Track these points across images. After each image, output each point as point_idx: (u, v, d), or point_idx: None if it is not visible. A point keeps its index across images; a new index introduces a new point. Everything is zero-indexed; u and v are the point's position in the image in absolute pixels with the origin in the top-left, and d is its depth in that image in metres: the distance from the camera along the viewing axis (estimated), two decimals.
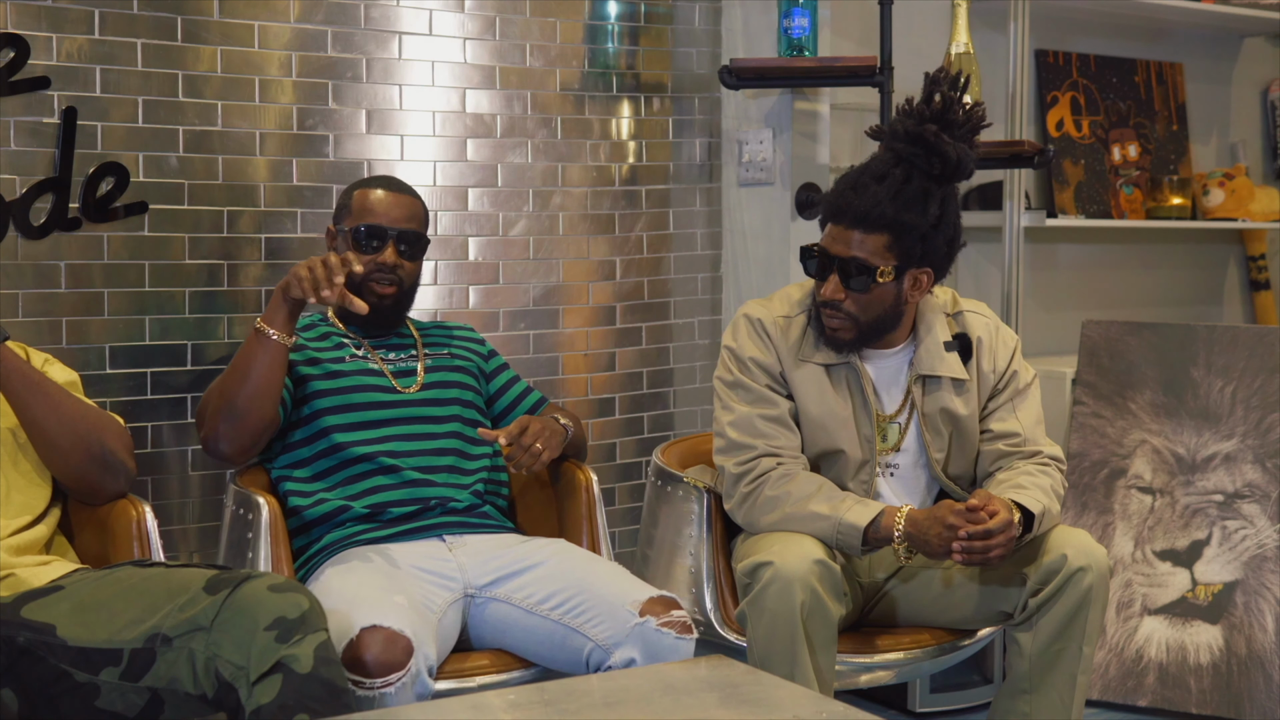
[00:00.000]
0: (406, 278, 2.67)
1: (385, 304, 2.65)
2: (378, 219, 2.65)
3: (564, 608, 2.40)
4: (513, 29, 3.24)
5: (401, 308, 2.71)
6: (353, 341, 2.70)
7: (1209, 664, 3.39)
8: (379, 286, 2.64)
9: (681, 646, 2.34)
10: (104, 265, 2.81)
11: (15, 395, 2.29)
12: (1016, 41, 3.50)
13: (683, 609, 2.39)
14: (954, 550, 2.42)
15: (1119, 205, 4.18)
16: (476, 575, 2.49)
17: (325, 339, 2.70)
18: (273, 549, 2.46)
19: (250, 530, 2.48)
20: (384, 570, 2.40)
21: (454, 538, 2.56)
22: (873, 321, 2.58)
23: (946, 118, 2.51)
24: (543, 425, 2.61)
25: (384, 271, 2.63)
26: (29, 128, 2.71)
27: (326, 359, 2.65)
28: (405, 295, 2.69)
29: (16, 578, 2.20)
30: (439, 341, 2.78)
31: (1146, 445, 3.60)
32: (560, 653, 2.41)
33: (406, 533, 2.55)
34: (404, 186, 2.73)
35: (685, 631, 2.35)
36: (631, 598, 2.37)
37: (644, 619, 2.33)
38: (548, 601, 2.42)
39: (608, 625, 2.35)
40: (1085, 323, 3.74)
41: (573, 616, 2.39)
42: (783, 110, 3.42)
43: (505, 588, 2.47)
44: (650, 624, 2.33)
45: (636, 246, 3.44)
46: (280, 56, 2.97)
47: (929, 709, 3.38)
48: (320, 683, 1.98)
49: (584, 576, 2.44)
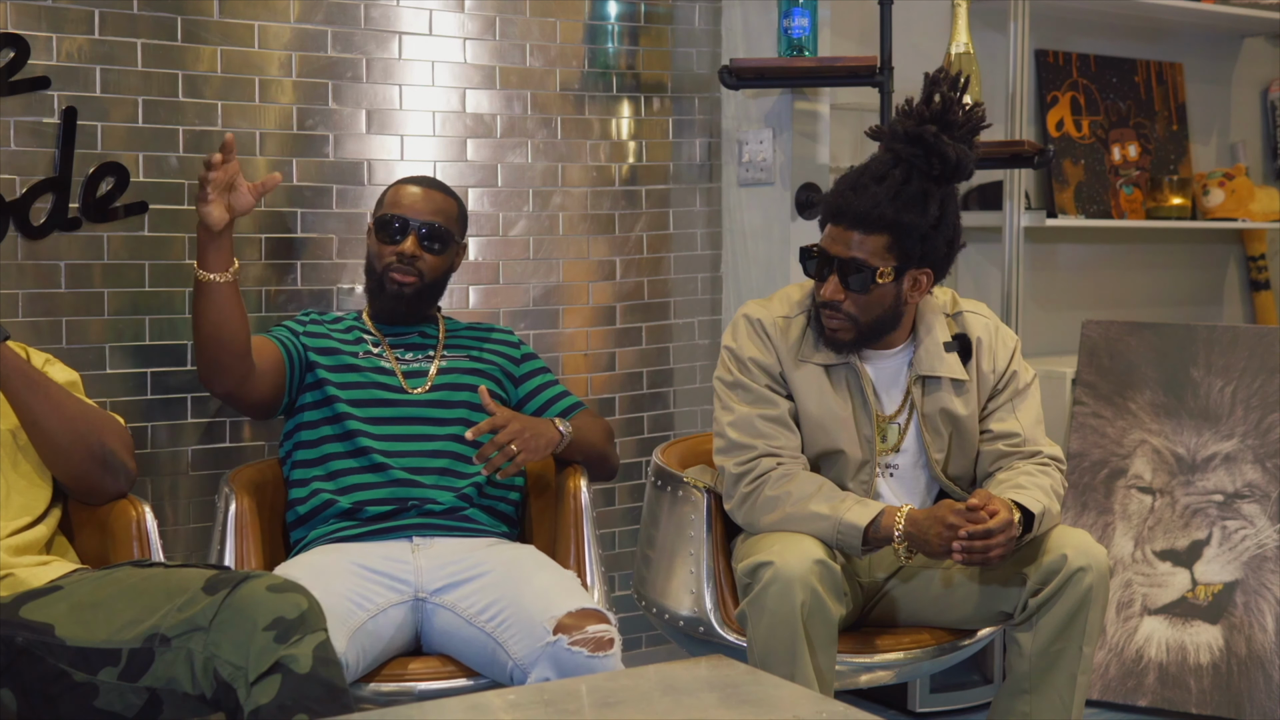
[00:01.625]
0: (428, 271, 2.70)
1: (406, 292, 2.69)
2: (402, 210, 2.70)
3: (496, 620, 2.38)
4: (513, 29, 3.24)
5: (423, 300, 2.74)
6: (372, 339, 2.73)
7: (1209, 664, 3.39)
8: (398, 275, 2.69)
9: (596, 664, 2.26)
10: (104, 265, 2.81)
11: (16, 395, 2.29)
12: (1016, 41, 3.50)
13: (606, 622, 2.31)
14: (954, 550, 2.42)
15: (1119, 205, 4.18)
16: (430, 580, 2.48)
17: (349, 332, 2.74)
18: (238, 543, 2.50)
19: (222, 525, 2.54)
20: (317, 566, 2.41)
21: (423, 540, 2.55)
22: (872, 322, 2.58)
23: (946, 118, 2.51)
24: (524, 425, 2.60)
25: (404, 261, 2.68)
26: (29, 128, 2.71)
27: (343, 350, 2.69)
28: (427, 288, 2.72)
29: (15, 578, 2.20)
30: (465, 344, 2.78)
31: (1146, 445, 3.60)
32: (491, 666, 2.39)
33: (379, 532, 2.56)
34: (439, 185, 2.79)
35: (600, 649, 2.27)
36: (550, 613, 2.31)
37: (556, 638, 2.28)
38: (485, 612, 2.40)
39: (525, 642, 2.32)
40: (1085, 323, 3.74)
41: (501, 630, 2.36)
42: (783, 110, 3.42)
43: (453, 595, 2.45)
44: (561, 643, 2.27)
45: (636, 246, 3.44)
46: (280, 56, 2.97)
47: (929, 709, 3.38)
48: (319, 683, 1.98)
49: (516, 588, 2.40)
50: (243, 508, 2.54)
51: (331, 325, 2.74)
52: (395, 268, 2.68)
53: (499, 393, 2.75)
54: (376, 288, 2.72)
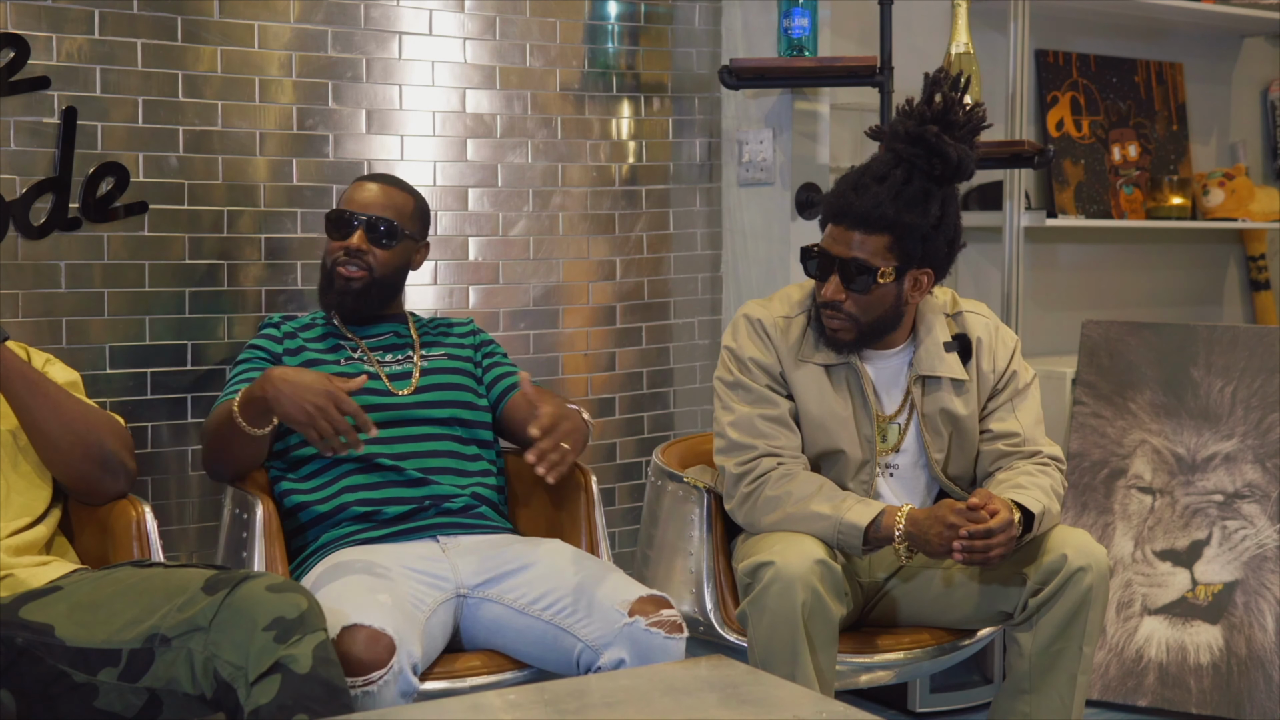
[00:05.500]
0: (378, 265, 2.67)
1: (353, 287, 2.66)
2: (353, 205, 2.69)
3: (555, 608, 2.39)
4: (513, 29, 3.24)
5: (371, 296, 2.69)
6: (350, 344, 2.70)
7: (1209, 664, 3.39)
8: (344, 269, 2.66)
9: (671, 646, 2.31)
10: (104, 265, 2.81)
11: (15, 396, 2.29)
12: (1016, 41, 3.50)
13: (673, 608, 2.37)
14: (954, 549, 2.42)
15: (1119, 205, 4.18)
16: (469, 575, 2.48)
17: (324, 340, 2.70)
18: (267, 548, 2.47)
19: (246, 530, 2.49)
20: (370, 569, 2.40)
21: (448, 538, 2.55)
22: (873, 322, 2.58)
23: (947, 118, 2.51)
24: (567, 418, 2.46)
25: (350, 255, 2.66)
26: (29, 128, 2.71)
27: (325, 361, 2.65)
28: (376, 284, 2.68)
29: (15, 578, 2.20)
30: (436, 340, 2.77)
31: (1146, 445, 3.60)
32: (551, 653, 2.40)
33: (401, 533, 2.55)
34: (395, 181, 2.75)
35: (675, 631, 2.33)
36: (621, 597, 2.35)
37: (633, 619, 2.31)
38: (539, 602, 2.41)
39: (597, 625, 2.34)
40: (1085, 323, 3.74)
41: (563, 617, 2.38)
42: (783, 110, 3.42)
43: (498, 588, 2.46)
44: (639, 624, 2.31)
45: (636, 246, 3.44)
46: (280, 56, 2.97)
47: (929, 709, 3.38)
48: (319, 683, 1.98)
49: (575, 576, 2.42)
50: (269, 511, 2.49)
51: (306, 336, 2.69)
52: (341, 261, 2.66)
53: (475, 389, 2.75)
54: (326, 283, 2.69)
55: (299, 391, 2.37)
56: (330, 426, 2.36)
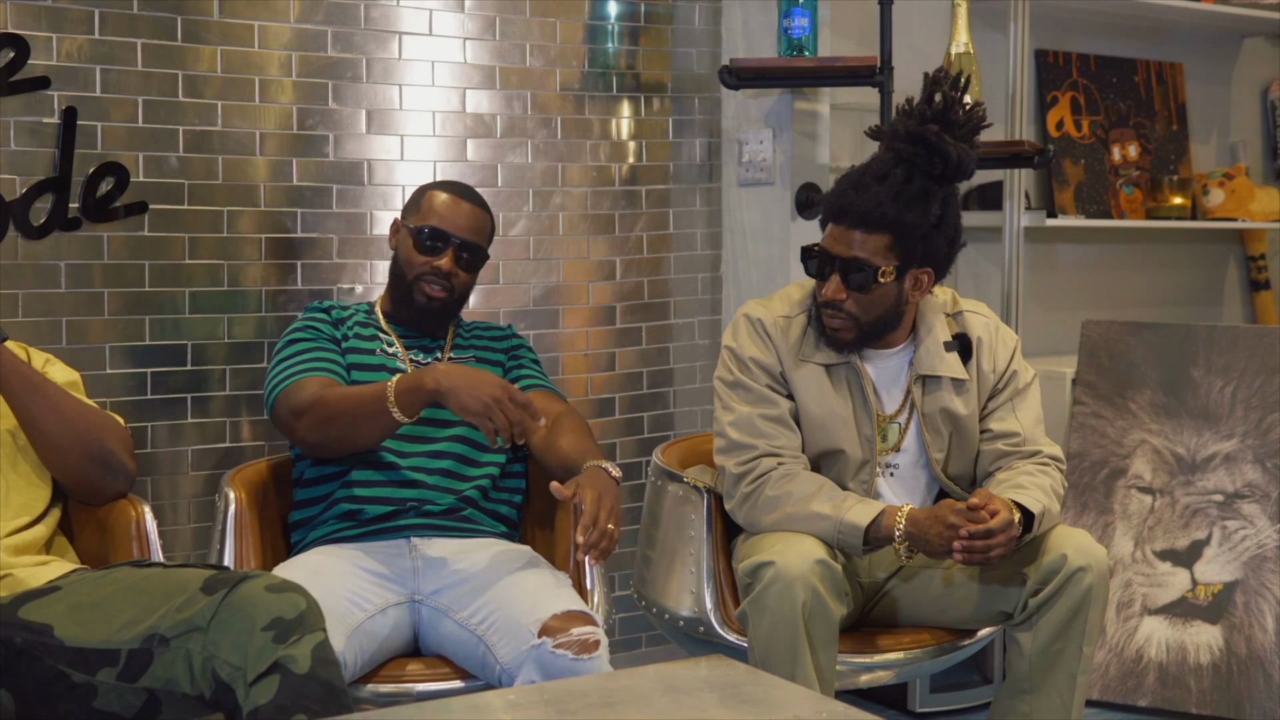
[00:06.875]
0: (459, 286, 2.66)
1: (434, 306, 2.65)
2: (444, 224, 2.64)
3: (485, 623, 2.37)
4: (513, 29, 3.24)
5: (449, 313, 2.70)
6: (387, 338, 2.69)
7: (1209, 664, 3.39)
8: (430, 288, 2.63)
9: (580, 667, 2.23)
10: (104, 265, 2.81)
11: (15, 396, 2.29)
12: (1016, 41, 3.50)
13: (590, 624, 2.29)
14: (954, 549, 2.42)
15: (1119, 205, 4.18)
16: (427, 582, 2.47)
17: (365, 327, 2.69)
18: (237, 543, 2.50)
19: (220, 523, 2.54)
20: (315, 566, 2.41)
21: (421, 540, 2.54)
22: (874, 322, 2.58)
23: (948, 117, 2.51)
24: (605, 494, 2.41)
25: (439, 276, 2.63)
26: (29, 128, 2.71)
27: (360, 347, 2.65)
28: (455, 303, 2.68)
29: (14, 578, 2.20)
30: (469, 344, 2.77)
31: (1146, 445, 3.60)
32: (481, 669, 2.38)
33: (378, 532, 2.55)
34: (477, 198, 2.71)
35: (585, 651, 2.24)
36: (534, 616, 2.29)
37: (540, 641, 2.26)
38: (475, 615, 2.39)
39: (510, 645, 2.30)
40: (1085, 323, 3.74)
41: (488, 632, 2.36)
42: (783, 110, 3.42)
43: (447, 597, 2.44)
44: (545, 646, 2.25)
45: (636, 246, 3.44)
46: (280, 56, 2.97)
47: (929, 709, 3.38)
48: (318, 683, 1.98)
49: (504, 591, 2.39)
50: (242, 507, 2.54)
51: (349, 325, 2.68)
52: (428, 279, 2.63)
53: None
54: (404, 295, 2.66)
55: (476, 384, 2.37)
56: (505, 418, 2.36)
